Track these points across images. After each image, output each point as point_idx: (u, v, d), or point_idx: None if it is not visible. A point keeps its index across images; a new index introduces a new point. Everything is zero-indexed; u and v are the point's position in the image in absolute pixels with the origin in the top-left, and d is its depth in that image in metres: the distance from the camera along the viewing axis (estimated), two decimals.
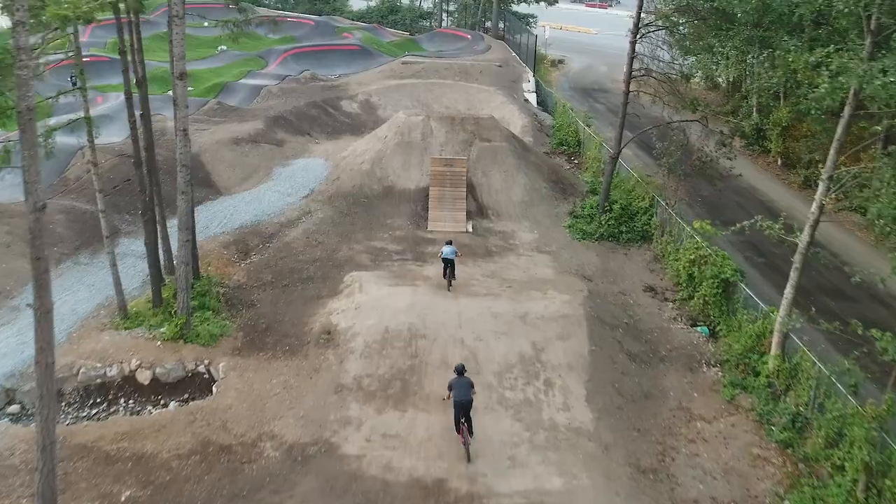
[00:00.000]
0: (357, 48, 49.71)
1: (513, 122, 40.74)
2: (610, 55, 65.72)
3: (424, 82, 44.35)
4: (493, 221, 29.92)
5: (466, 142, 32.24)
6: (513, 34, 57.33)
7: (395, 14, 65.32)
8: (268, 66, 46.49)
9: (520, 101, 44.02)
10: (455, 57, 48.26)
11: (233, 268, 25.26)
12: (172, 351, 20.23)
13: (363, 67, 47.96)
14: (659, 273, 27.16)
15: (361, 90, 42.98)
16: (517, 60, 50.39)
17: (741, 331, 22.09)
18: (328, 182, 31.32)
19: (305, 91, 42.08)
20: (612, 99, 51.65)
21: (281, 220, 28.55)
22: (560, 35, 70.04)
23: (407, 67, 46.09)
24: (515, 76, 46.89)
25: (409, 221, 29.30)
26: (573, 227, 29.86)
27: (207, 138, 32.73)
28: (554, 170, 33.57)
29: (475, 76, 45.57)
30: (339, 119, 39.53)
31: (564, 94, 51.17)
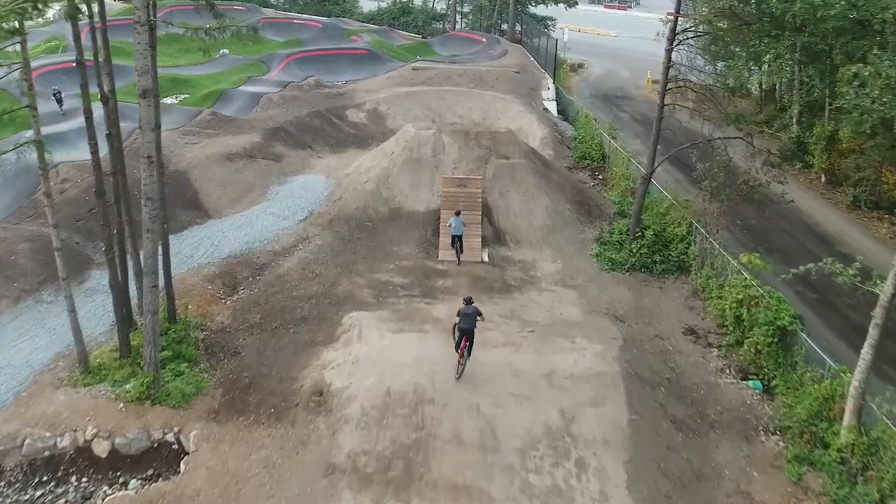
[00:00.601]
0: (365, 52, 46.55)
1: (531, 134, 37.47)
2: (631, 59, 62.33)
3: (436, 90, 41.10)
4: (511, 249, 26.65)
5: (482, 158, 28.98)
6: (530, 37, 54.00)
7: (407, 16, 62.11)
8: (270, 71, 43.41)
9: (539, 110, 40.70)
10: (469, 62, 45.00)
11: (217, 306, 22.11)
12: (137, 415, 17.08)
13: (371, 73, 44.76)
14: (699, 311, 23.81)
15: (369, 98, 39.79)
16: (536, 66, 47.06)
17: (803, 390, 18.74)
18: (329, 203, 28.14)
19: (309, 99, 38.92)
20: (637, 107, 48.27)
21: (275, 247, 25.39)
22: (579, 38, 66.66)
23: (418, 73, 42.87)
24: (534, 83, 43.57)
25: (417, 249, 26.07)
26: (601, 255, 26.54)
27: (198, 153, 29.61)
28: (578, 189, 30.24)
29: (491, 83, 42.28)
30: (344, 130, 36.36)
31: (585, 102, 47.84)
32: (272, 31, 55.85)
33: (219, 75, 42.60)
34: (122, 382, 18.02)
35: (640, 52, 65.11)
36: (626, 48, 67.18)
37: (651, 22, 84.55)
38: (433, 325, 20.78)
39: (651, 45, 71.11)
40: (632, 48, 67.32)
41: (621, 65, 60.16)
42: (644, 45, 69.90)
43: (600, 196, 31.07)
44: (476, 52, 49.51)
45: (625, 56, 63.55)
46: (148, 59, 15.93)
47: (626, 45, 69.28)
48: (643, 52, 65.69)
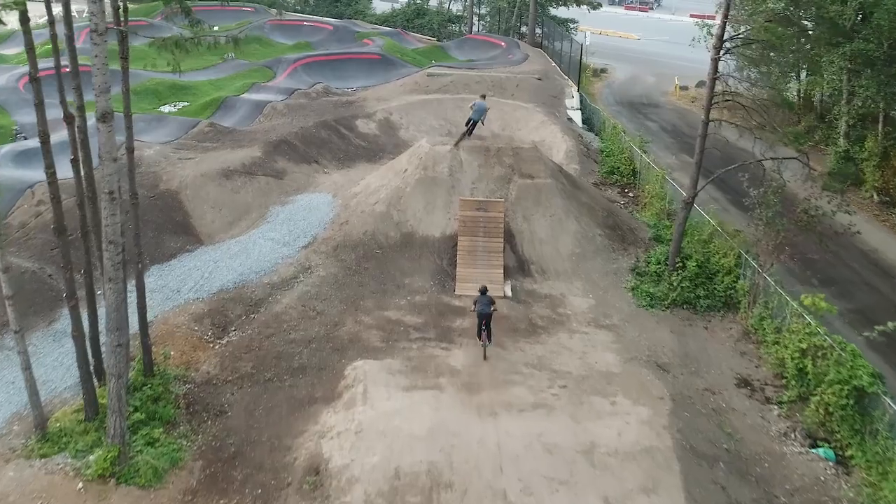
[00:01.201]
0: (377, 57, 43.63)
1: (555, 147, 34.49)
2: (656, 64, 59.19)
3: (452, 98, 38.14)
4: (536, 281, 23.69)
5: (503, 178, 26.04)
6: (551, 41, 50.93)
7: (422, 18, 59.17)
8: (275, 77, 40.58)
9: (562, 120, 37.68)
10: (487, 68, 42.00)
11: (203, 352, 19.28)
12: (97, 498, 14.26)
13: (384, 79, 41.87)
14: (752, 357, 20.80)
15: (380, 107, 36.87)
16: (558, 72, 43.99)
17: (891, 467, 15.70)
18: (334, 227, 25.26)
19: (316, 108, 36.05)
20: (665, 116, 45.16)
21: (272, 279, 22.54)
22: (600, 41, 63.57)
23: (433, 80, 39.92)
24: (557, 91, 40.53)
25: (432, 281, 23.15)
26: (637, 289, 23.55)
27: (191, 170, 26.80)
28: (610, 211, 27.22)
29: (511, 91, 39.27)
30: (354, 142, 33.47)
31: (610, 110, 44.79)
32: (280, 33, 53.11)
33: (221, 81, 39.83)
34: (85, 452, 15.22)
35: (665, 56, 62.05)
36: (651, 52, 64.11)
37: (674, 24, 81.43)
38: (450, 380, 17.88)
39: (676, 49, 68.08)
40: (656, 52, 64.24)
41: (646, 69, 57.04)
42: (668, 48, 66.86)
43: (633, 219, 28.03)
44: (494, 57, 46.49)
45: (649, 60, 60.45)
46: (107, 75, 13.07)
47: (650, 48, 66.20)
48: (668, 55, 62.63)
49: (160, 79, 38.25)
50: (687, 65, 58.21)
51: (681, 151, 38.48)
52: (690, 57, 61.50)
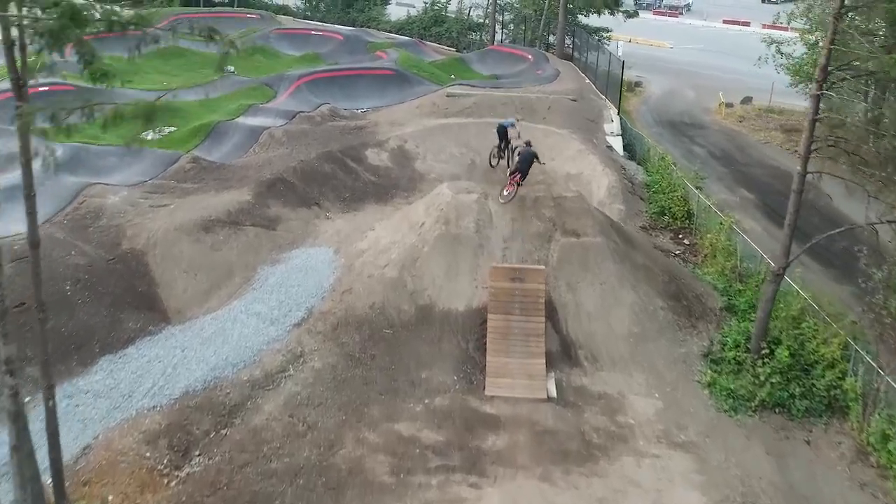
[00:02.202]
0: (391, 73, 38.55)
1: (595, 181, 29.41)
2: (694, 76, 53.67)
3: (476, 122, 33.00)
4: (587, 372, 18.61)
5: (542, 236, 20.97)
6: (581, 53, 45.67)
7: (440, 26, 54.00)
8: (276, 97, 35.59)
9: (601, 148, 32.49)
10: (515, 86, 36.78)
11: (154, 492, 14.32)
12: None
13: (398, 98, 36.79)
14: (875, 490, 15.63)
15: (394, 133, 31.80)
16: (593, 90, 38.70)
17: None
18: (335, 296, 20.26)
19: (320, 135, 31.04)
20: (712, 138, 39.82)
21: (253, 373, 17.57)
22: (631, 50, 58.01)
23: (453, 101, 34.78)
24: (594, 114, 35.28)
25: (455, 375, 18.13)
26: (715, 385, 18.43)
27: (163, 222, 21.88)
28: (671, 273, 22.04)
29: (542, 114, 34.07)
30: (362, 177, 28.43)
31: (651, 133, 39.55)
32: (287, 43, 48.12)
33: (215, 102, 34.86)
34: None
35: (702, 67, 56.51)
36: (686, 62, 58.46)
37: (707, 31, 75.68)
38: None
39: (713, 58, 62.37)
40: (692, 62, 58.62)
41: (684, 83, 51.55)
42: (704, 57, 61.23)
43: (697, 279, 22.81)
44: (521, 72, 41.28)
45: (686, 72, 54.90)
46: None
47: (685, 57, 60.52)
48: (705, 66, 57.08)
49: (144, 100, 33.32)
50: (727, 76, 52.85)
51: (737, 184, 33.20)
52: (730, 67, 56.17)
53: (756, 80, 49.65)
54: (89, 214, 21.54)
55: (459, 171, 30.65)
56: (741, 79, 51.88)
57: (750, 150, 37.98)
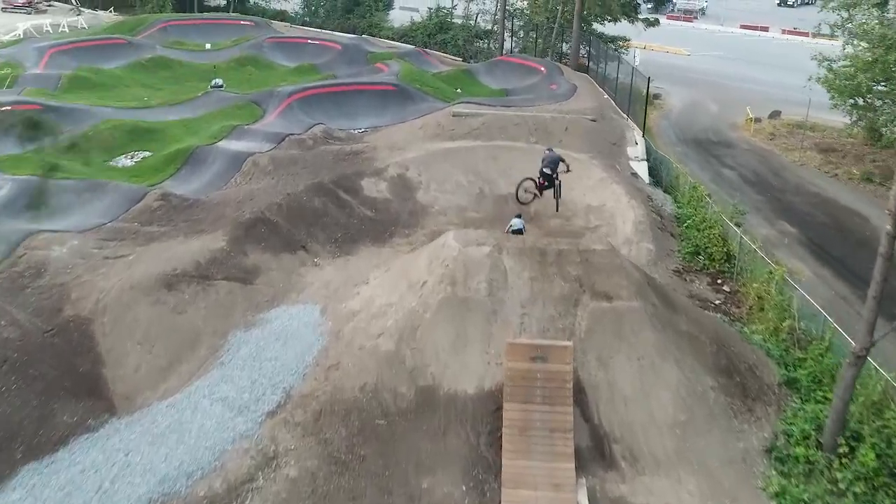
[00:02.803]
0: (392, 88, 34.93)
1: (619, 214, 25.88)
2: (716, 86, 50.06)
3: (485, 146, 29.42)
4: (624, 476, 15.01)
5: (568, 299, 17.32)
6: (598, 63, 41.99)
7: (445, 33, 50.34)
8: (264, 116, 32.00)
9: (625, 175, 28.87)
10: (528, 104, 33.10)
11: None
12: None
13: (399, 117, 33.23)
14: None
15: (393, 159, 28.20)
16: (614, 108, 34.97)
17: None
18: (319, 372, 16.68)
19: (311, 162, 27.49)
20: (742, 159, 36.17)
21: (213, 486, 13.98)
22: (647, 57, 54.20)
23: (459, 122, 31.15)
24: (616, 135, 31.59)
25: (463, 483, 14.55)
26: (785, 496, 14.75)
27: (117, 279, 18.32)
28: (719, 340, 18.36)
29: (559, 136, 30.42)
30: (357, 212, 24.86)
31: (675, 152, 35.96)
32: (281, 53, 44.53)
33: (197, 122, 31.31)
34: None
35: (724, 77, 52.84)
36: (706, 71, 54.77)
37: (724, 36, 71.76)
38: None
39: (733, 67, 58.51)
40: (712, 70, 54.94)
41: (705, 94, 47.92)
42: (724, 65, 57.48)
43: (745, 342, 19.14)
44: (533, 86, 37.60)
45: (706, 82, 51.24)
46: None
47: (704, 65, 56.85)
48: (726, 75, 53.37)
49: (119, 120, 29.85)
50: (751, 87, 49.27)
51: (775, 215, 29.57)
52: (753, 77, 52.41)
53: (782, 91, 46.00)
54: (28, 271, 18.02)
55: (467, 202, 27.11)
56: (766, 90, 48.22)
57: (785, 174, 34.24)
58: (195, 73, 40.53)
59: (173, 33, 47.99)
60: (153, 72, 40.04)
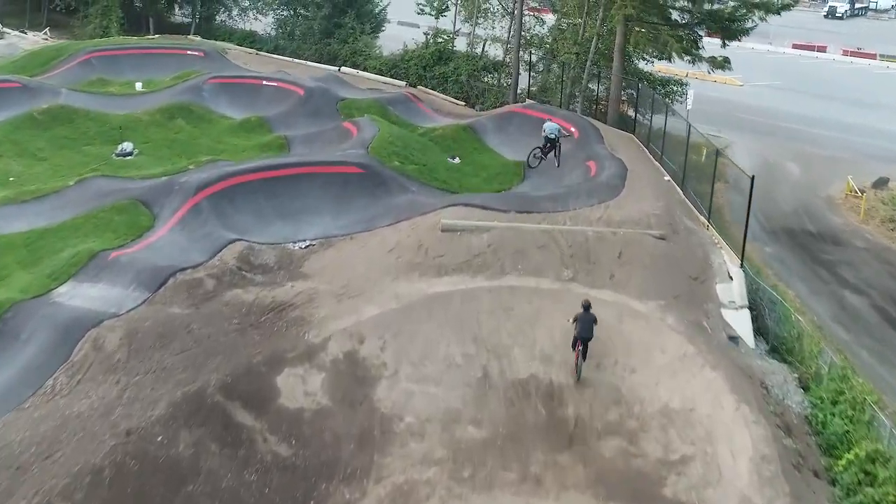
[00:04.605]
0: (357, 171, 23.01)
1: (721, 435, 14.78)
2: (787, 133, 37.70)
3: (493, 287, 17.74)
4: None
5: None
6: (644, 112, 30.14)
7: (445, 65, 38.32)
8: (155, 225, 20.04)
9: (720, 341, 17.08)
10: (556, 206, 20.82)
11: None
12: None
13: (363, 220, 21.54)
14: None
15: (340, 321, 16.57)
16: (686, 210, 22.67)
17: None
18: None
19: (197, 336, 15.84)
20: (866, 270, 24.12)
21: None
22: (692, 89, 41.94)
23: (450, 240, 19.24)
24: (696, 262, 19.51)
25: None
26: None
27: None
28: None
29: (608, 267, 18.62)
30: (259, 457, 13.32)
31: (765, 256, 24.18)
32: (226, 98, 32.68)
33: (50, 236, 19.49)
34: None
35: (791, 117, 40.09)
36: (767, 109, 41.98)
37: (776, 59, 58.52)
38: None
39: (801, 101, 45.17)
40: (775, 109, 42.15)
41: (779, 146, 35.50)
42: (788, 99, 44.90)
43: None
44: (563, 160, 25.50)
45: (772, 126, 38.69)
46: None
47: (763, 100, 43.98)
48: (794, 116, 40.58)
49: None
50: (832, 135, 37.14)
51: None
52: (827, 118, 39.95)
53: (871, 139, 34.09)
54: None
55: (461, 400, 15.87)
56: (850, 139, 36.24)
57: None
58: (103, 131, 28.89)
59: (99, 67, 36.35)
60: (46, 129, 28.41)
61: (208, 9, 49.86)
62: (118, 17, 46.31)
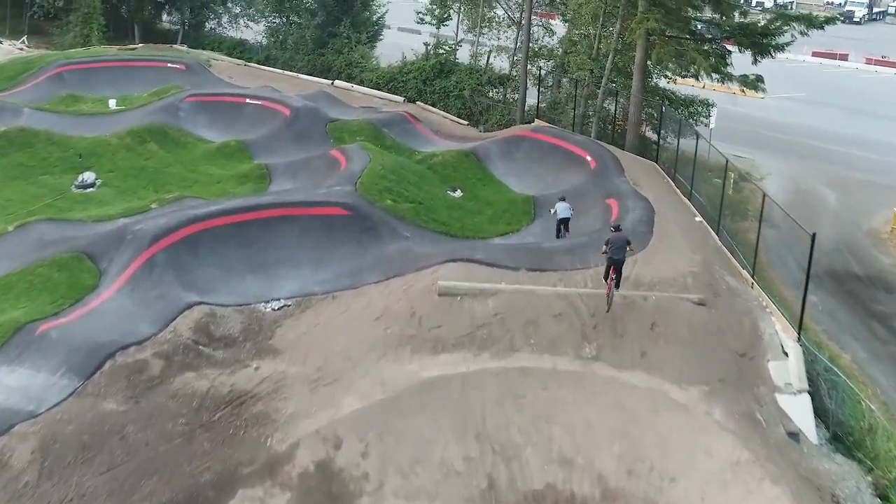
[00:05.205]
0: (342, 212, 19.73)
1: None
2: (817, 153, 34.38)
3: (500, 370, 14.45)
4: None
5: None
6: (666, 136, 26.88)
7: (447, 78, 35.03)
8: (99, 286, 16.78)
9: (779, 438, 13.70)
10: (574, 261, 17.47)
11: None
12: None
13: (347, 272, 18.29)
14: None
15: (314, 421, 13.27)
16: (725, 262, 19.19)
17: None
18: None
19: (133, 442, 12.55)
20: None
21: None
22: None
23: (448, 307, 15.93)
24: (743, 334, 16.12)
25: None
26: None
27: None
28: None
29: (636, 341, 15.28)
30: None
31: (809, 306, 20.64)
32: (205, 118, 29.46)
33: None
34: None
35: (820, 134, 36.62)
36: (794, 126, 38.47)
37: (797, 68, 54.90)
38: None
39: (828, 115, 40.82)
40: (801, 124, 38.64)
41: (810, 169, 32.04)
42: (814, 113, 41.38)
43: None
44: (577, 195, 22.07)
45: (801, 145, 35.23)
46: None
47: (788, 115, 40.43)
48: (823, 132, 37.04)
49: None
50: (865, 156, 33.73)
51: None
52: (859, 136, 36.54)
53: None
54: None
55: None
56: (891, 161, 32.78)
57: None
58: (66, 157, 25.68)
59: (70, 82, 33.12)
60: (1, 156, 25.24)
61: (197, 16, 46.60)
62: (100, 25, 43.07)
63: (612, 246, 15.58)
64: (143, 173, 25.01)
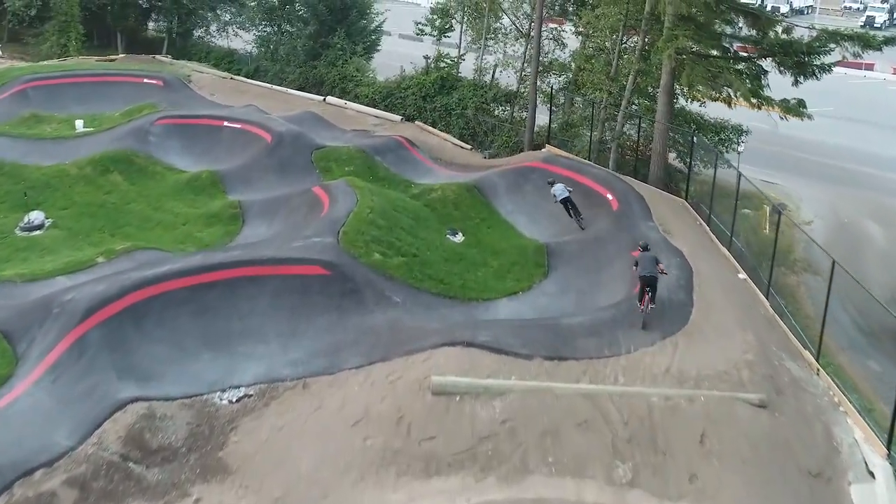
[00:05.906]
0: (320, 272, 16.41)
1: None
2: (854, 177, 30.89)
3: (505, 502, 10.92)
4: None
5: None
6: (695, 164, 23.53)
7: (449, 95, 31.64)
8: (14, 376, 13.46)
9: None
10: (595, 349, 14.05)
11: None
12: None
13: (324, 349, 14.93)
14: None
15: None
16: (780, 338, 15.74)
17: None
18: None
19: None
20: None
21: None
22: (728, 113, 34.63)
23: (444, 411, 12.61)
24: (814, 450, 12.71)
25: None
26: None
27: None
28: None
29: (682, 461, 11.86)
30: None
31: (868, 384, 17.33)
32: (178, 143, 26.15)
33: None
34: None
35: (855, 156, 32.99)
36: (824, 146, 34.76)
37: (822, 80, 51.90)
38: None
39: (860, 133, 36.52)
40: (833, 144, 35.01)
41: (849, 198, 28.62)
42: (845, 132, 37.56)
43: None
44: (598, 246, 18.74)
45: (834, 168, 31.64)
46: None
47: (817, 133, 36.29)
48: (858, 154, 33.42)
49: None
50: None
51: None
52: None
53: None
54: None
55: None
56: None
57: None
58: (16, 191, 22.38)
59: (36, 100, 29.89)
60: None
61: (185, 24, 43.28)
62: (78, 34, 39.86)
63: (642, 264, 15.13)
64: (101, 211, 21.70)
